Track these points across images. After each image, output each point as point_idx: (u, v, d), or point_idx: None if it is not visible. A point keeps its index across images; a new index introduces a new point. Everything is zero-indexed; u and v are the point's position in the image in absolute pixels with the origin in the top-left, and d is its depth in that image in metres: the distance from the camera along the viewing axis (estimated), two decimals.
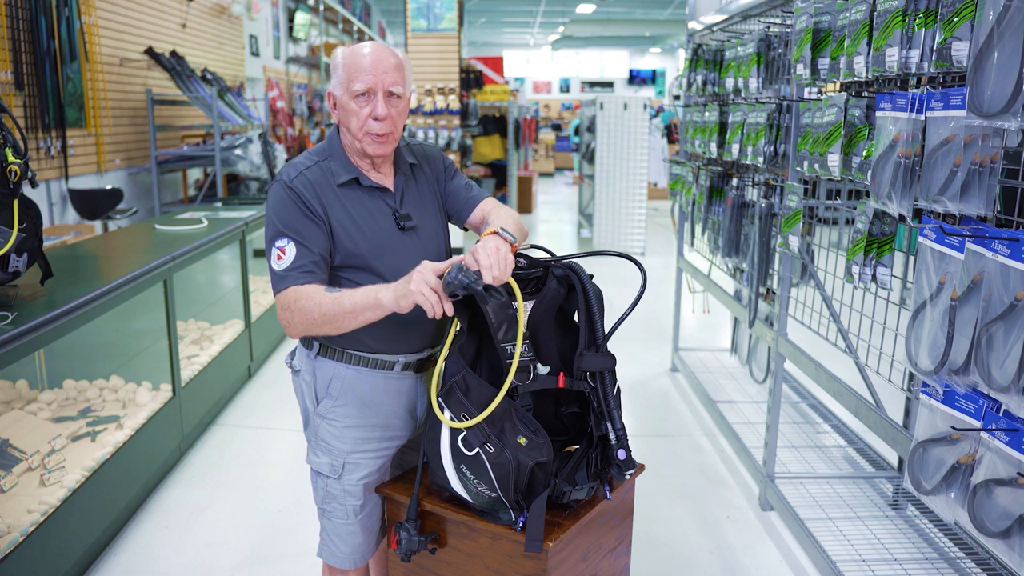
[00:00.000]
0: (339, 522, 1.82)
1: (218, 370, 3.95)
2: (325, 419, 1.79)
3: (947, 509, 1.75)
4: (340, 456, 1.78)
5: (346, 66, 1.68)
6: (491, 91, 10.33)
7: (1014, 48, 1.53)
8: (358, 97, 1.67)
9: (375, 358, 1.76)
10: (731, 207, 3.63)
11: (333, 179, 1.72)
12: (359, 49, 1.69)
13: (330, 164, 1.74)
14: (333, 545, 1.85)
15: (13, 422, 2.99)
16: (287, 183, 1.69)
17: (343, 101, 1.70)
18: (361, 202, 1.73)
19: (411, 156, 1.85)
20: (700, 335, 5.56)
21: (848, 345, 2.65)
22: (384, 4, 17.31)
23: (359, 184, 1.74)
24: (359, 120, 1.68)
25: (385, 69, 1.67)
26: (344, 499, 1.81)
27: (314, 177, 1.70)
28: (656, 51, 24.55)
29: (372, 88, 1.66)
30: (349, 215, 1.70)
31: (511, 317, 1.64)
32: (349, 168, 1.74)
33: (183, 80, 6.51)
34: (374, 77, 1.66)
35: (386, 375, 1.78)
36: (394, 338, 1.76)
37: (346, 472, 1.79)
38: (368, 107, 1.67)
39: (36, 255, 2.63)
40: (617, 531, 1.83)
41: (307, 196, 1.68)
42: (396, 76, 1.68)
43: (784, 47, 3.12)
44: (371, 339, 1.74)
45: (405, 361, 1.79)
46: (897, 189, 1.95)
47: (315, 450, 1.82)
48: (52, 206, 5.11)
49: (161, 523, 3.00)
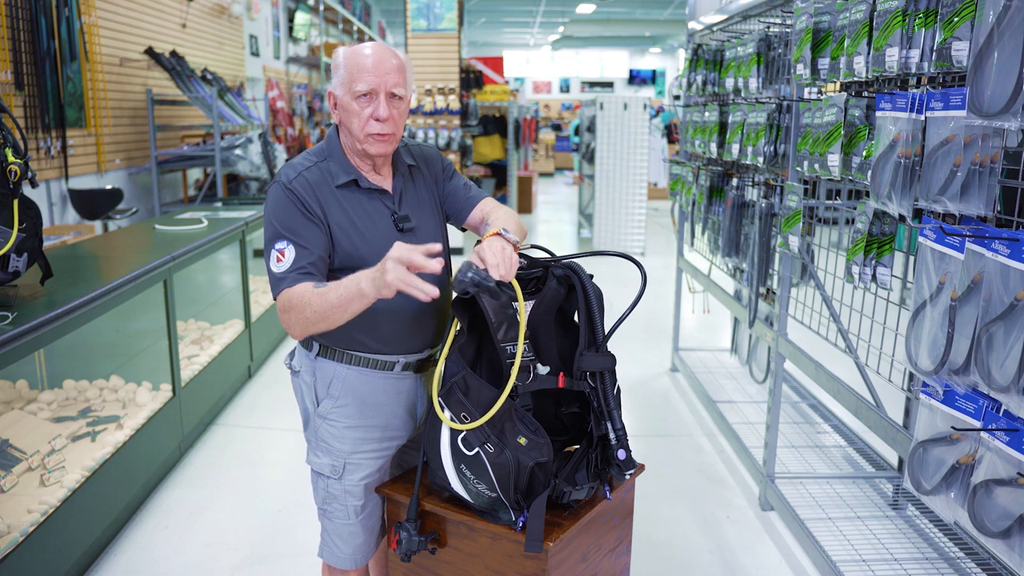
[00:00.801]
0: (340, 522, 1.82)
1: (218, 370, 3.95)
2: (325, 420, 1.79)
3: (947, 509, 1.75)
4: (341, 456, 1.78)
5: (348, 66, 1.68)
6: (491, 91, 10.33)
7: (1014, 48, 1.53)
8: (360, 98, 1.67)
9: (375, 358, 1.76)
10: (731, 207, 3.63)
11: (332, 180, 1.71)
12: (361, 49, 1.69)
13: (329, 165, 1.73)
14: (334, 545, 1.85)
15: (13, 422, 2.99)
16: (286, 184, 1.68)
17: (344, 101, 1.69)
18: (360, 204, 1.72)
19: (409, 157, 1.84)
20: (700, 335, 5.56)
21: (848, 345, 2.65)
22: (384, 4, 17.31)
23: (358, 186, 1.73)
24: (360, 120, 1.67)
25: (388, 70, 1.67)
26: (345, 499, 1.81)
27: (313, 178, 1.70)
28: (656, 51, 24.55)
29: (375, 89, 1.66)
30: (348, 217, 1.70)
31: (511, 317, 1.64)
32: (348, 169, 1.73)
33: (183, 80, 6.51)
34: (377, 78, 1.66)
35: (386, 375, 1.78)
36: (394, 339, 1.76)
37: (347, 472, 1.79)
38: (370, 108, 1.67)
39: (36, 255, 2.63)
40: (617, 531, 1.83)
41: (306, 197, 1.67)
42: (398, 77, 1.68)
43: (784, 47, 3.12)
44: (371, 340, 1.74)
45: (405, 361, 1.79)
46: (897, 189, 1.95)
47: (315, 451, 1.82)
48: (52, 206, 5.12)
49: (161, 523, 3.00)
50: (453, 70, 8.10)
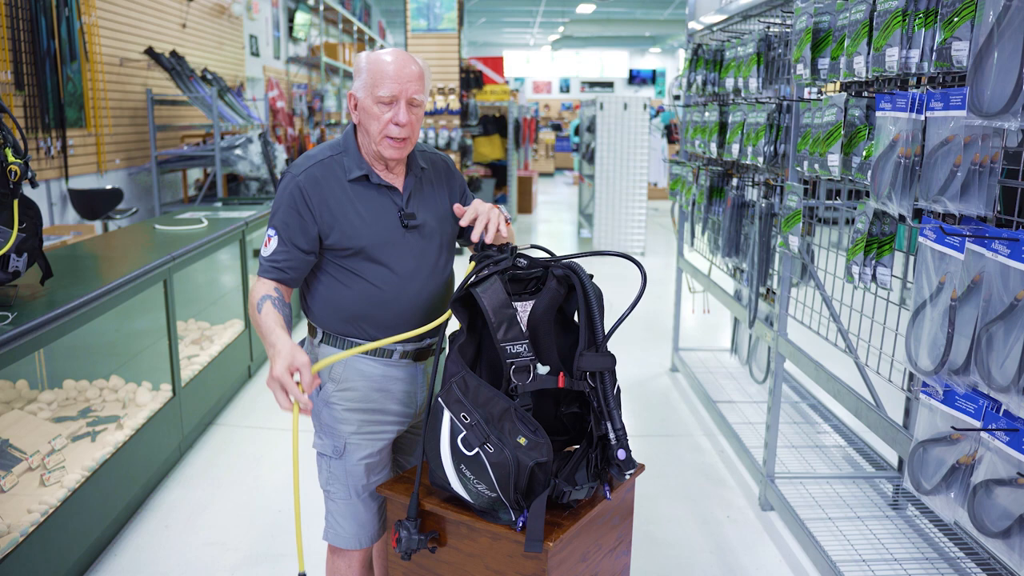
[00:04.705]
0: (342, 502, 1.89)
1: (218, 370, 3.95)
2: (328, 404, 1.86)
3: (947, 509, 1.75)
4: (341, 438, 1.86)
5: (371, 71, 1.74)
6: (491, 91, 10.32)
7: (1014, 48, 1.53)
8: (381, 103, 1.73)
9: (374, 346, 1.83)
10: (731, 207, 3.63)
11: (345, 174, 1.79)
12: (384, 56, 1.76)
13: (343, 159, 1.81)
14: (338, 526, 1.91)
15: (13, 422, 2.99)
16: (295, 175, 1.78)
17: (366, 104, 1.76)
18: (370, 198, 1.81)
19: (424, 161, 1.92)
20: (700, 335, 5.56)
21: (848, 345, 2.65)
22: (384, 4, 17.31)
23: (369, 181, 1.81)
24: (380, 124, 1.75)
25: (410, 78, 1.74)
26: (346, 479, 1.88)
27: (321, 173, 1.79)
28: (656, 51, 24.54)
29: (397, 95, 1.73)
30: (356, 210, 1.78)
31: (511, 317, 1.65)
32: (362, 165, 1.81)
33: (183, 80, 6.51)
34: (399, 85, 1.73)
35: (385, 362, 1.86)
36: (393, 328, 1.83)
37: (347, 452, 1.86)
38: (390, 112, 1.74)
39: (36, 255, 2.63)
40: (617, 531, 1.83)
41: (308, 192, 1.76)
42: (419, 85, 1.76)
43: (784, 47, 3.12)
44: (371, 328, 1.82)
45: (403, 350, 1.86)
46: (897, 189, 1.95)
47: (319, 434, 1.90)
48: (52, 206, 5.12)
49: (161, 523, 3.00)
50: (453, 70, 8.10)
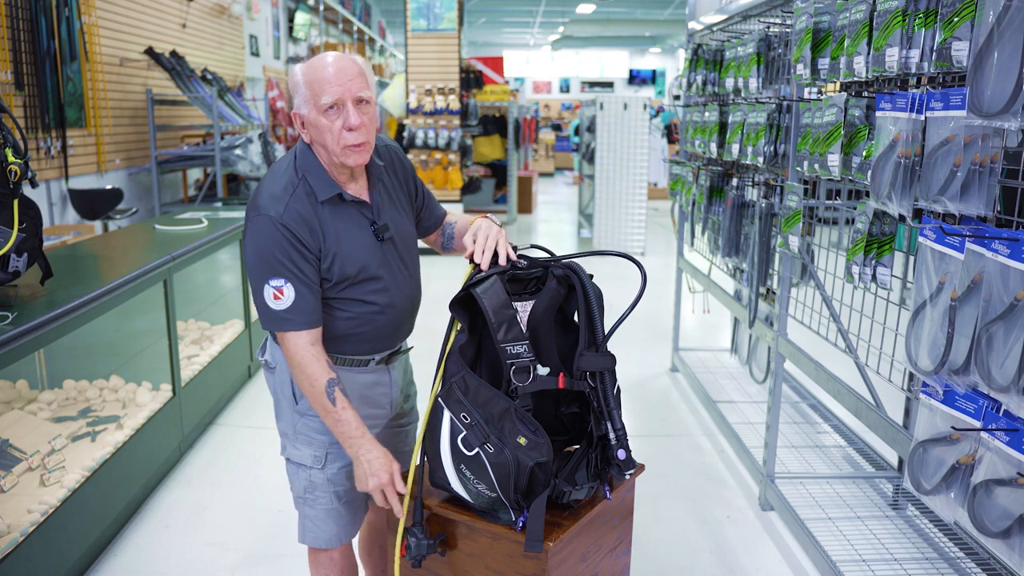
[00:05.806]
0: (323, 508, 1.88)
1: (218, 370, 3.95)
2: (305, 415, 1.84)
3: (947, 509, 1.75)
4: (323, 447, 1.84)
5: (309, 82, 1.65)
6: (491, 91, 10.32)
7: (1014, 48, 1.53)
8: (328, 111, 1.64)
9: (352, 358, 1.84)
10: (731, 207, 3.63)
11: (316, 198, 1.69)
12: (318, 62, 1.66)
13: (307, 184, 1.70)
14: (317, 529, 1.90)
15: (13, 422, 2.99)
16: (278, 220, 1.64)
17: (312, 119, 1.67)
18: (345, 218, 1.74)
19: (378, 157, 1.84)
20: (700, 335, 5.56)
21: (848, 345, 2.65)
22: (384, 4, 17.32)
23: (341, 199, 1.73)
24: (334, 135, 1.65)
25: (350, 76, 1.64)
26: (327, 487, 1.86)
27: (302, 208, 1.67)
28: (656, 51, 24.54)
29: (341, 98, 1.63)
30: (337, 236, 1.71)
31: (511, 317, 1.64)
32: (330, 183, 1.72)
33: (183, 80, 6.51)
34: (340, 87, 1.63)
35: (362, 370, 1.86)
36: (376, 345, 1.84)
37: (329, 461, 1.85)
38: (340, 119, 1.64)
39: (36, 255, 2.63)
40: (617, 531, 1.83)
41: (300, 232, 1.66)
42: (362, 82, 1.66)
43: (784, 47, 3.12)
44: (360, 343, 1.82)
45: (379, 357, 1.87)
46: (897, 189, 1.95)
47: (295, 444, 1.86)
48: (52, 206, 5.12)
49: (161, 523, 3.00)
50: (453, 70, 8.10)
